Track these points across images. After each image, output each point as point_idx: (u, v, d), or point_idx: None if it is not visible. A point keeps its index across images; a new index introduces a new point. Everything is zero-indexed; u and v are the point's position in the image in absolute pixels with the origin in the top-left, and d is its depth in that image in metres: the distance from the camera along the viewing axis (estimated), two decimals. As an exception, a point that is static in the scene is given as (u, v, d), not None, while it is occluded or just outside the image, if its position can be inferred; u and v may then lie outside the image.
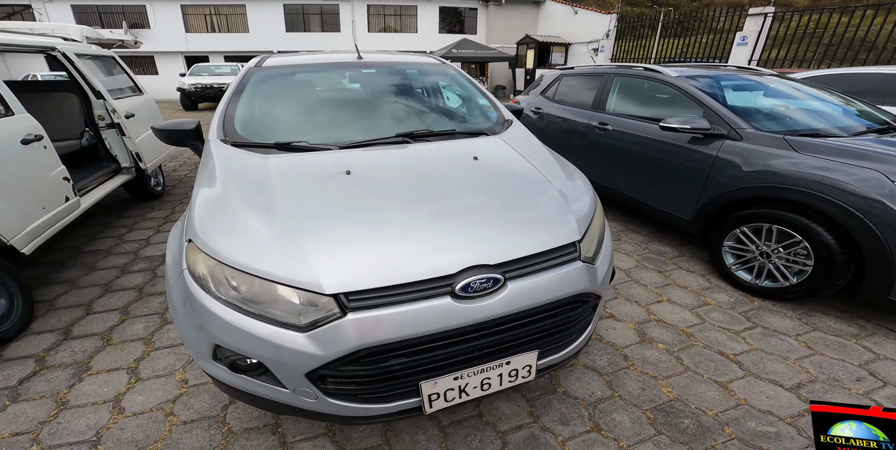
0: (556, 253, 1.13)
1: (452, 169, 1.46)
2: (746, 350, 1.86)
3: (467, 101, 2.24)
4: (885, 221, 1.71)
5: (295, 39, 19.03)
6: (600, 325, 2.07)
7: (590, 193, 1.45)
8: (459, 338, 1.02)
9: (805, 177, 1.96)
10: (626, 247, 2.95)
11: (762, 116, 2.45)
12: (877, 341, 1.90)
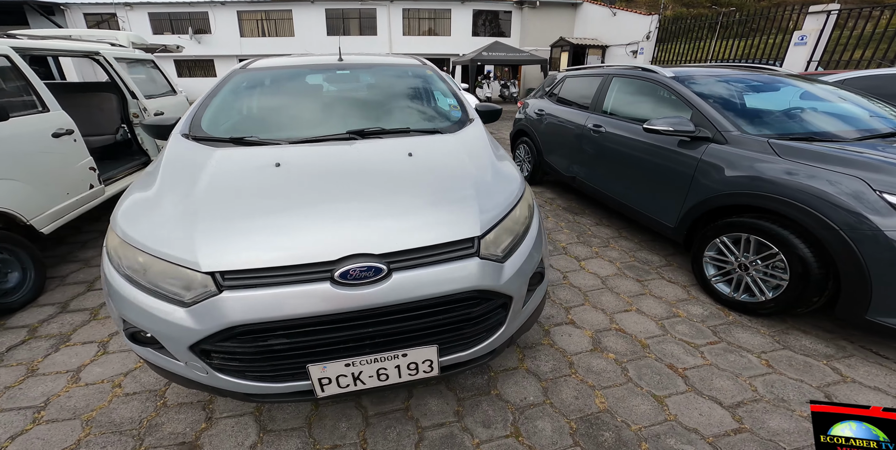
0: (449, 247, 1.15)
1: (381, 165, 1.52)
2: (699, 365, 1.76)
3: (435, 102, 2.29)
4: (863, 234, 1.55)
5: (335, 42, 19.87)
6: (556, 330, 2.03)
7: (514, 194, 1.43)
8: (343, 324, 1.07)
9: (782, 184, 1.83)
10: (612, 254, 2.85)
11: (754, 118, 2.29)
12: (851, 364, 1.73)
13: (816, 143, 1.93)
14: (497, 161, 1.63)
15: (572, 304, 2.27)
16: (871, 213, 1.55)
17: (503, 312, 1.29)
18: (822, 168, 1.74)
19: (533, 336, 2.00)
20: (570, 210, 3.73)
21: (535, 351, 1.90)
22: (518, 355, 1.88)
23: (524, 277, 1.30)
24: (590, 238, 3.11)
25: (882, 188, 1.56)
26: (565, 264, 2.71)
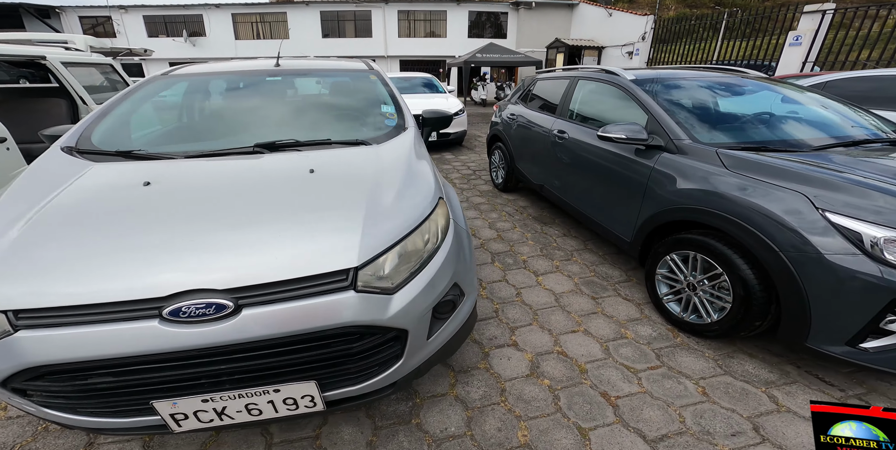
0: (315, 281, 1.07)
1: (272, 184, 1.43)
2: (633, 393, 1.67)
3: (371, 109, 2.21)
4: (803, 257, 1.46)
5: (330, 45, 19.95)
6: (496, 353, 1.95)
7: (415, 216, 1.33)
8: (186, 362, 1.00)
9: (726, 198, 1.74)
10: (573, 268, 2.76)
11: (709, 126, 2.19)
12: (790, 391, 1.64)
13: (767, 153, 1.84)
14: (411, 177, 1.53)
15: (520, 324, 2.18)
16: (812, 233, 1.45)
17: (398, 345, 1.21)
18: (765, 182, 1.65)
19: (470, 359, 1.92)
20: (539, 220, 3.65)
21: (468, 376, 1.82)
22: (450, 380, 1.80)
23: (424, 308, 1.22)
24: (553, 251, 3.03)
25: (825, 206, 1.46)
26: (522, 280, 2.63)
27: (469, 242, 1.60)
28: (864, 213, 1.38)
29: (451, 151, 6.79)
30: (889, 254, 1.30)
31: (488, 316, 2.25)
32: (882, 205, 1.38)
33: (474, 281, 1.60)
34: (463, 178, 5.14)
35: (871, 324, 1.35)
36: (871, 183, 1.46)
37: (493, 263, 2.86)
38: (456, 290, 1.38)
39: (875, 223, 1.34)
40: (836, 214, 1.42)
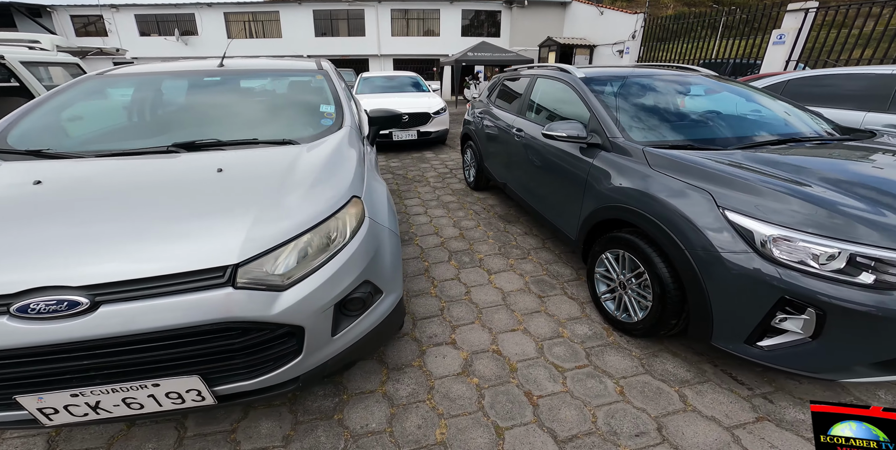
0: (186, 278, 1.08)
1: (174, 183, 1.45)
2: (556, 392, 1.69)
3: (309, 109, 2.22)
4: (704, 254, 1.48)
5: (323, 44, 19.94)
6: (433, 351, 1.97)
7: (318, 213, 1.32)
8: (39, 357, 1.01)
9: (646, 196, 1.76)
10: (527, 267, 2.78)
11: (643, 124, 2.20)
12: (701, 390, 1.65)
13: (689, 151, 1.86)
14: (327, 175, 1.53)
15: (463, 322, 2.20)
16: (712, 232, 1.47)
17: (293, 341, 1.23)
18: (679, 180, 1.67)
19: (406, 356, 1.94)
20: (504, 218, 3.67)
21: (401, 373, 1.85)
22: (382, 377, 1.82)
23: (322, 305, 1.23)
24: (511, 249, 3.05)
25: (725, 204, 1.47)
26: (474, 278, 2.65)
27: (394, 242, 1.61)
28: (758, 211, 1.39)
29: (433, 150, 6.80)
30: (777, 252, 1.32)
31: (433, 314, 2.27)
32: (775, 203, 1.39)
33: (397, 280, 1.62)
34: (439, 176, 5.16)
35: (763, 322, 1.36)
36: (769, 181, 1.48)
37: (450, 261, 2.88)
38: (367, 287, 1.40)
39: (766, 221, 1.36)
40: (734, 212, 1.43)
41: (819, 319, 1.26)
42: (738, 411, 1.55)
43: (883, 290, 1.19)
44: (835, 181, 1.48)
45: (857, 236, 1.23)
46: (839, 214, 1.29)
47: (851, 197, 1.37)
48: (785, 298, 1.29)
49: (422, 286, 2.55)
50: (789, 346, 1.36)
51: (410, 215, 3.77)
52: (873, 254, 1.20)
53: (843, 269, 1.24)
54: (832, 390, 1.62)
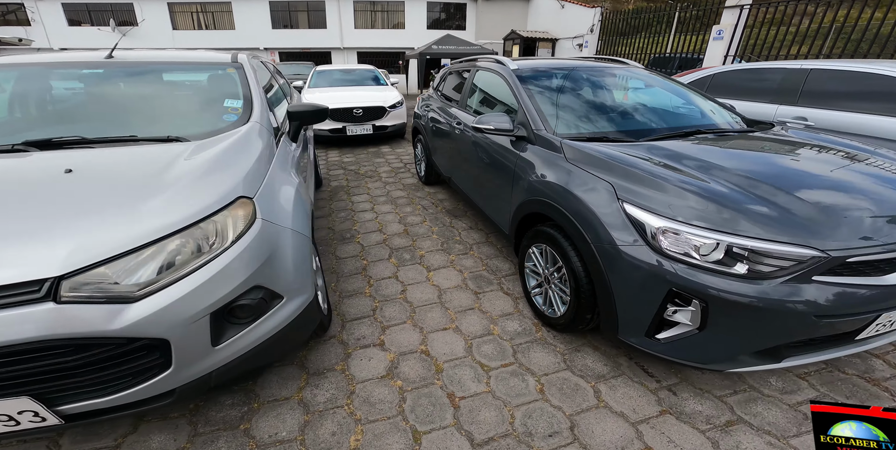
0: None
1: (7, 185, 1.32)
2: (479, 393, 1.67)
3: (211, 103, 2.08)
4: (607, 247, 1.48)
5: (281, 36, 19.20)
6: (359, 354, 1.91)
7: (180, 220, 1.20)
8: None
9: (559, 189, 1.75)
10: (467, 262, 2.75)
11: (565, 116, 2.21)
12: (614, 385, 1.67)
13: (604, 143, 1.86)
14: (208, 175, 1.39)
15: (394, 322, 2.15)
16: (612, 225, 1.47)
17: (157, 354, 1.13)
18: (588, 172, 1.67)
19: (329, 360, 1.87)
20: (452, 213, 3.63)
21: (321, 378, 1.77)
22: (300, 383, 1.74)
23: (191, 315, 1.13)
24: (454, 245, 3.01)
25: (624, 197, 1.48)
26: (412, 276, 2.59)
27: (299, 243, 1.53)
28: (651, 203, 1.40)
29: (390, 144, 6.68)
30: (666, 244, 1.33)
31: (365, 315, 2.20)
32: (665, 195, 1.41)
33: (305, 283, 1.54)
34: (392, 171, 5.06)
35: (658, 315, 1.38)
36: (662, 174, 1.50)
37: (390, 258, 2.81)
38: (259, 293, 1.31)
39: (656, 213, 1.37)
40: (630, 205, 1.44)
41: (703, 311, 1.28)
42: (645, 405, 1.57)
43: (756, 280, 1.22)
44: (722, 172, 1.51)
45: (735, 227, 1.25)
46: (720, 206, 1.32)
47: (734, 188, 1.40)
48: (673, 290, 1.30)
49: (357, 286, 2.47)
50: (681, 338, 1.38)
51: (356, 212, 3.67)
52: (747, 244, 1.22)
53: (722, 260, 1.26)
54: (730, 379, 1.66)
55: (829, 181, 1.51)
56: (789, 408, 1.54)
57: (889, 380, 1.66)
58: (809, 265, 1.19)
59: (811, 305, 1.19)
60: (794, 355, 1.36)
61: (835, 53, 6.72)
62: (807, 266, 1.20)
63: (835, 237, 1.21)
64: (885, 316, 1.28)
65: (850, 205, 1.34)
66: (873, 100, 2.92)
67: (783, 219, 1.27)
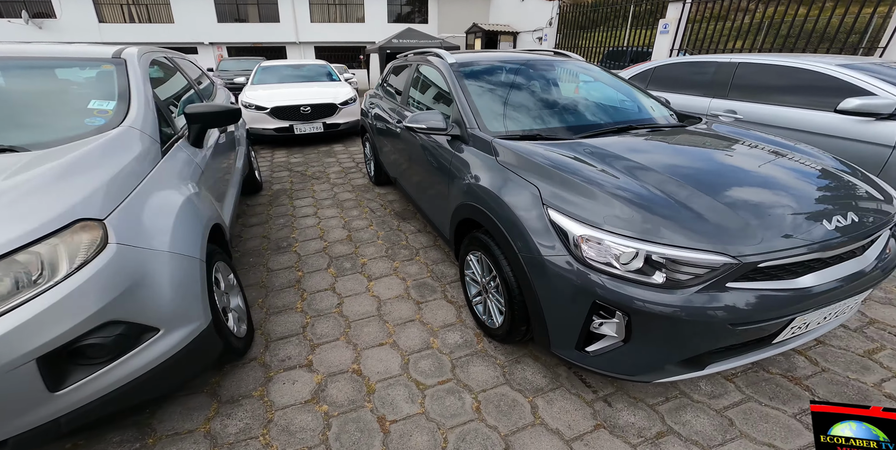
0: None
1: None
2: (412, 415, 1.56)
3: (71, 105, 1.82)
4: (531, 257, 1.40)
5: (229, 30, 18.33)
6: (282, 377, 1.76)
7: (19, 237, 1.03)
8: None
9: (487, 193, 1.67)
10: (412, 269, 2.63)
11: (503, 113, 2.13)
12: (552, 399, 1.61)
13: (536, 142, 1.79)
14: (44, 193, 1.17)
15: (326, 339, 2.00)
16: (537, 231, 1.39)
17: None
18: (517, 174, 1.59)
19: (246, 386, 1.71)
20: (400, 215, 3.50)
21: (235, 406, 1.61)
22: (209, 413, 1.58)
23: (7, 362, 0.95)
24: (400, 250, 2.89)
25: (549, 201, 1.41)
26: (351, 287, 2.44)
27: (182, 267, 1.33)
28: (574, 208, 1.34)
29: (343, 143, 6.45)
30: (588, 254, 1.27)
31: (293, 333, 2.04)
32: (588, 200, 1.35)
33: (192, 310, 1.36)
34: (342, 171, 4.86)
35: (585, 327, 1.32)
36: (588, 176, 1.45)
37: (328, 269, 2.65)
38: (115, 329, 1.13)
39: (578, 219, 1.30)
40: (554, 210, 1.37)
41: (627, 323, 1.23)
42: (580, 419, 1.51)
43: (672, 289, 1.17)
44: (645, 173, 1.47)
45: (653, 235, 1.20)
46: (640, 211, 1.27)
47: (655, 192, 1.35)
48: (596, 302, 1.25)
49: (288, 300, 2.30)
50: (609, 350, 1.33)
51: (297, 218, 3.47)
52: (664, 252, 1.17)
53: (642, 269, 1.21)
54: (662, 386, 1.63)
55: (746, 181, 1.48)
56: (716, 414, 1.52)
57: (810, 378, 1.68)
58: (722, 272, 1.16)
59: (726, 313, 1.16)
60: (716, 361, 1.34)
61: (766, 48, 7.08)
62: (720, 273, 1.16)
63: (747, 242, 1.18)
64: (799, 319, 1.27)
65: (765, 207, 1.31)
66: (796, 93, 3.02)
67: (699, 224, 1.22)
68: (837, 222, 1.27)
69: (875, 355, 1.80)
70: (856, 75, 2.73)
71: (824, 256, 1.24)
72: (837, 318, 1.45)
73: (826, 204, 1.37)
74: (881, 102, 2.47)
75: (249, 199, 3.92)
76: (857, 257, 1.34)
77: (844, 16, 6.06)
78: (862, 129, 2.59)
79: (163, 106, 1.95)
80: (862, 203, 1.42)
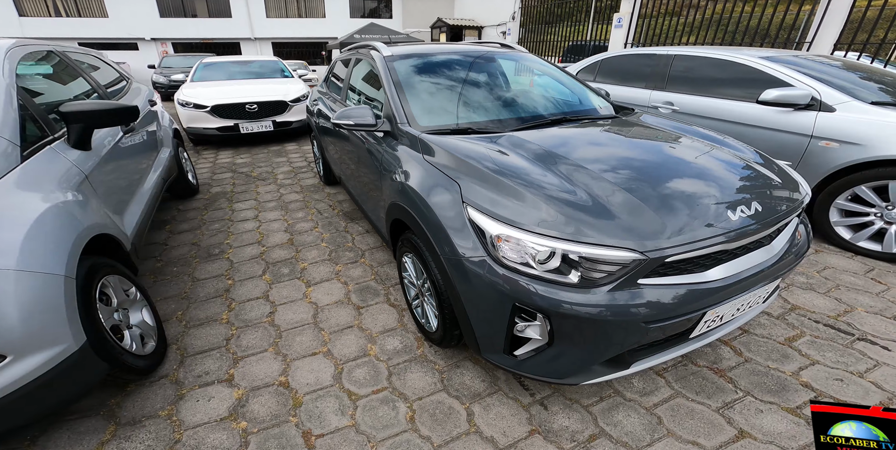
0: None
1: None
2: (341, 428, 1.49)
3: None
4: (453, 258, 1.37)
5: (174, 25, 17.64)
6: (196, 394, 1.66)
7: None
8: None
9: (411, 191, 1.62)
10: (354, 273, 2.54)
11: (433, 106, 2.09)
12: (488, 404, 1.58)
13: (462, 136, 1.77)
14: None
15: (252, 352, 1.89)
16: (457, 231, 1.36)
17: None
18: (440, 171, 1.56)
19: (152, 406, 1.60)
20: (349, 216, 3.41)
21: (136, 428, 1.50)
22: (104, 436, 1.47)
23: None
24: (344, 252, 2.80)
25: (469, 199, 1.37)
26: (287, 294, 2.34)
27: (33, 287, 1.18)
28: (493, 206, 1.30)
29: (297, 141, 6.28)
30: (505, 253, 1.23)
31: (214, 346, 1.92)
32: (505, 197, 1.32)
33: (55, 333, 1.22)
34: (292, 171, 4.71)
35: (509, 331, 1.29)
36: (509, 171, 1.42)
37: (263, 275, 2.53)
38: None
39: (495, 218, 1.27)
40: (473, 209, 1.33)
41: (549, 325, 1.20)
42: (516, 425, 1.48)
43: (587, 288, 1.16)
44: (567, 167, 1.46)
45: (569, 232, 1.18)
46: (557, 207, 1.25)
47: (574, 186, 1.34)
48: (517, 305, 1.22)
49: (212, 312, 2.17)
50: (535, 353, 1.30)
51: (235, 222, 3.31)
52: (579, 250, 1.15)
53: (559, 268, 1.19)
54: (597, 385, 1.64)
55: (661, 173, 1.47)
56: (646, 412, 1.52)
57: (733, 369, 1.71)
58: (632, 269, 1.15)
59: (638, 311, 1.15)
60: (640, 359, 1.33)
61: (715, 43, 7.42)
62: (630, 270, 1.15)
63: (654, 236, 1.17)
64: (710, 313, 1.28)
65: (674, 199, 1.30)
66: (726, 85, 3.14)
67: (610, 219, 1.21)
68: (742, 212, 1.29)
69: (795, 342, 1.86)
70: (776, 67, 2.86)
71: (730, 248, 1.26)
72: (753, 308, 1.48)
73: (734, 195, 1.38)
74: (797, 93, 2.58)
75: (181, 203, 3.72)
76: (764, 247, 1.37)
77: (785, 13, 6.43)
78: (782, 119, 2.71)
79: (33, 105, 1.78)
80: (769, 193, 1.45)
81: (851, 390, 1.58)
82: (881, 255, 2.45)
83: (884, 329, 1.92)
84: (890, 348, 1.80)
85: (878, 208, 2.40)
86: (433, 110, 2.06)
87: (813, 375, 1.66)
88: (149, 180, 2.60)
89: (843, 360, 1.73)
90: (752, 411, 1.50)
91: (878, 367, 1.70)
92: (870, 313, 2.03)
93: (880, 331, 1.90)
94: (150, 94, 3.61)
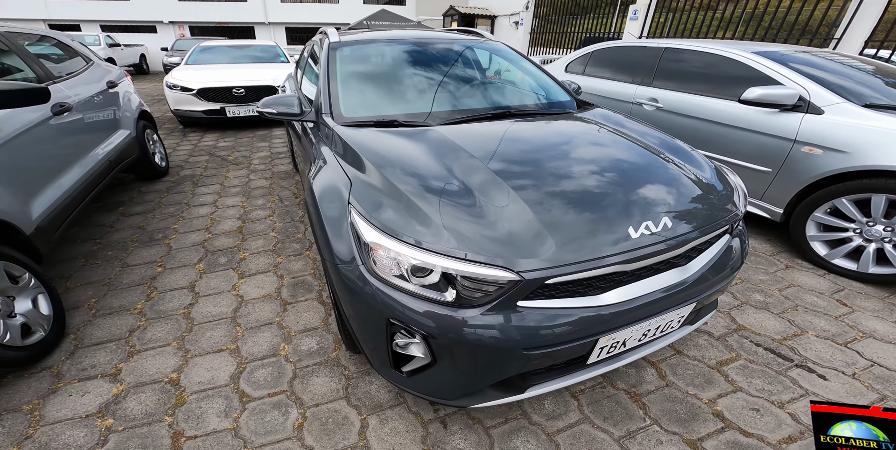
0: None
1: None
2: (218, 431, 1.39)
3: None
4: (334, 266, 1.24)
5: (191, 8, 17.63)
6: (70, 388, 1.58)
7: None
8: None
9: (308, 187, 1.53)
10: (295, 266, 2.42)
11: (368, 98, 1.95)
12: (386, 418, 1.44)
13: (376, 129, 1.64)
14: None
15: (152, 345, 1.79)
16: (339, 236, 1.22)
17: None
18: (341, 166, 1.43)
19: (19, 398, 1.53)
20: (309, 207, 3.28)
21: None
22: None
23: None
24: (291, 244, 2.67)
25: (353, 200, 1.23)
26: (215, 285, 2.22)
27: None
28: (375, 210, 1.16)
29: (282, 127, 6.16)
30: (381, 264, 1.08)
31: (114, 338, 1.82)
32: (392, 200, 1.17)
33: None
34: (269, 157, 4.60)
35: (389, 347, 1.15)
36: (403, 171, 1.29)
37: (197, 264, 2.42)
38: None
39: (374, 225, 1.11)
40: (356, 212, 1.18)
41: (427, 343, 1.07)
42: (408, 443, 1.34)
43: (463, 307, 1.02)
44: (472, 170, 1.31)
45: (450, 245, 1.03)
46: (443, 217, 1.10)
47: (472, 194, 1.19)
48: (390, 321, 1.08)
49: (128, 301, 2.07)
50: (419, 371, 1.16)
51: (191, 207, 3.21)
52: (457, 267, 1.00)
53: (438, 284, 1.04)
54: (507, 405, 1.48)
55: (574, 183, 1.28)
56: (547, 438, 1.36)
57: (651, 393, 1.53)
58: (508, 290, 1.00)
59: (513, 336, 1.00)
60: (535, 384, 1.18)
61: (745, 39, 6.96)
62: (506, 291, 1.00)
63: (535, 255, 1.01)
64: (603, 340, 1.10)
65: (574, 214, 1.14)
66: (712, 82, 2.83)
67: (496, 234, 1.06)
68: (646, 230, 1.11)
69: (725, 366, 1.66)
70: (766, 63, 2.56)
71: (627, 269, 1.08)
72: (669, 333, 1.29)
73: (644, 209, 1.18)
74: (784, 93, 2.30)
75: (144, 185, 3.65)
76: (679, 267, 1.19)
77: (814, 8, 5.96)
78: (766, 121, 2.44)
79: None
80: (691, 209, 1.26)
81: (762, 423, 1.40)
82: (855, 274, 2.20)
83: (828, 356, 1.71)
84: (827, 376, 1.60)
85: (857, 224, 2.14)
86: (365, 101, 1.93)
87: (729, 403, 1.48)
88: (85, 162, 2.49)
89: (769, 388, 1.54)
90: (653, 443, 1.34)
91: (805, 397, 1.50)
92: (820, 338, 1.81)
93: (824, 358, 1.70)
94: (119, 75, 3.50)
